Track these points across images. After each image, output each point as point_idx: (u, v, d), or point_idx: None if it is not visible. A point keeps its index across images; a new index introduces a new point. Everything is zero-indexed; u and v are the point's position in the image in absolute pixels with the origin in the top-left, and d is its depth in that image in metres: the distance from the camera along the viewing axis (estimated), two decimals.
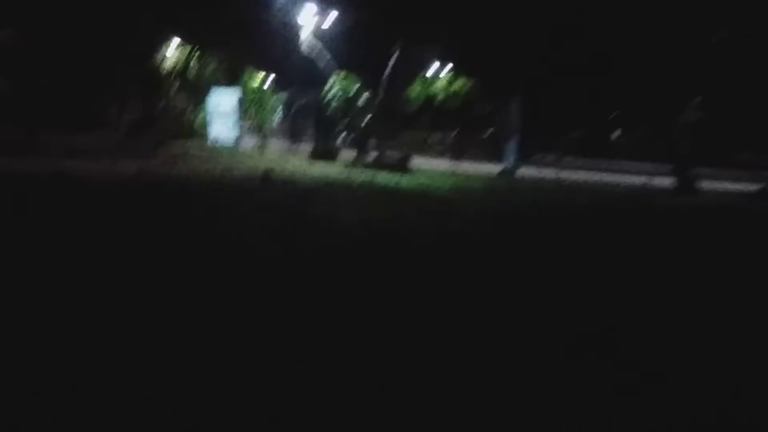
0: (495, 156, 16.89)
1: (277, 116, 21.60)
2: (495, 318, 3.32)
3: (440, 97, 29.15)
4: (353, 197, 8.51)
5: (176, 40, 23.28)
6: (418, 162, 14.77)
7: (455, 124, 21.89)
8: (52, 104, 18.13)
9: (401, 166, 13.28)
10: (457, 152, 15.28)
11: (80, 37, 19.98)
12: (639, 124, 29.83)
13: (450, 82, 29.41)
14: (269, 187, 8.85)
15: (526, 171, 14.90)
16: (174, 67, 22.60)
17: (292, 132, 18.51)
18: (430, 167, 15.17)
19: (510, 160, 14.24)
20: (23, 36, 20.85)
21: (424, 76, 30.80)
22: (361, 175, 11.64)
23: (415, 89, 30.56)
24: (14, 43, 20.92)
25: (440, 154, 18.48)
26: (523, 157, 15.36)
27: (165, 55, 22.67)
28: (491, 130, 24.98)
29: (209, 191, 8.05)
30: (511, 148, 14.27)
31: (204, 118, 20.85)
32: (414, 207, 7.90)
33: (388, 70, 15.27)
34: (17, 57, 20.33)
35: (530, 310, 3.48)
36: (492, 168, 15.31)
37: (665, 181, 13.23)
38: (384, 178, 11.55)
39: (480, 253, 5.18)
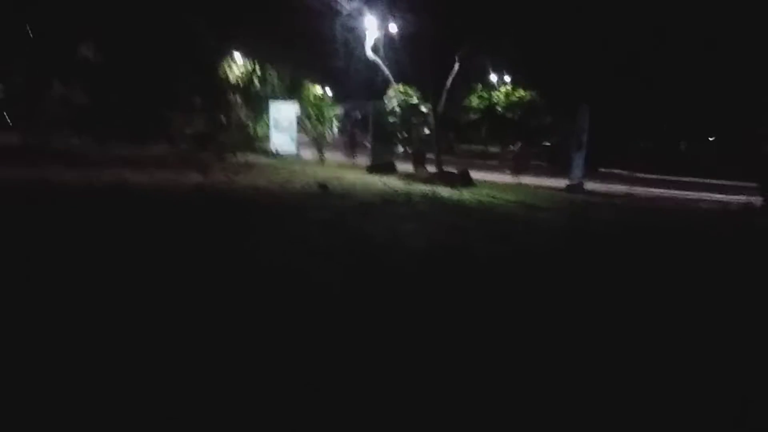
0: (557, 170, 16.07)
1: (335, 128, 21.48)
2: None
3: (499, 108, 28.32)
4: (414, 213, 8.04)
5: (238, 55, 23.67)
6: (477, 175, 14.17)
7: (515, 136, 21.09)
8: (123, 117, 18.64)
9: (462, 180, 12.69)
10: (518, 165, 14.53)
11: (149, 52, 20.57)
12: (708, 135, 27.99)
13: (509, 93, 28.56)
14: (328, 203, 8.51)
15: (592, 185, 14.04)
16: (236, 81, 22.95)
17: (350, 144, 18.25)
18: (491, 181, 14.54)
19: (576, 173, 13.39)
20: (101, 49, 21.67)
21: (483, 86, 30.11)
22: (420, 189, 11.17)
23: (473, 100, 29.90)
24: (93, 56, 21.78)
25: (499, 166, 17.79)
26: (589, 171, 14.47)
27: (228, 70, 23.08)
28: (550, 142, 24.06)
29: (267, 206, 7.77)
30: (578, 161, 13.42)
31: (265, 131, 20.97)
32: (482, 225, 7.35)
33: (449, 81, 14.72)
34: (95, 70, 21.13)
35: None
36: (555, 182, 14.51)
37: (746, 199, 12.09)
38: (445, 192, 11.04)
39: (568, 279, 4.59)
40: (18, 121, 18.96)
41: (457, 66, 14.69)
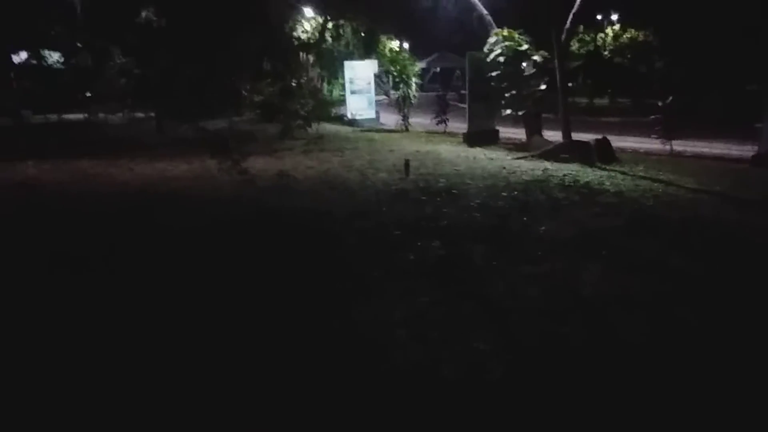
0: (705, 130, 11.74)
1: (418, 88, 17.86)
2: None
3: (606, 52, 23.26)
4: (575, 232, 4.60)
5: (308, 9, 20.35)
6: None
7: (636, 87, 16.54)
8: (185, 88, 16.13)
9: (601, 153, 8.89)
10: (671, 128, 10.40)
11: (212, 13, 17.80)
12: None
13: (618, 34, 23.37)
14: (431, 213, 5.23)
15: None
16: (307, 39, 19.74)
17: (439, 107, 14.64)
18: (630, 148, 10.58)
19: (766, 142, 9.10)
20: (162, 13, 19.26)
21: (584, 28, 24.95)
22: (552, 172, 7.57)
23: (573, 44, 24.84)
24: (155, 21, 19.44)
25: (628, 126, 13.65)
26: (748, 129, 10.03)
27: (297, 27, 19.88)
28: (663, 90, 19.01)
29: (337, 235, 4.59)
30: None
31: (339, 94, 17.81)
32: (716, 266, 3.80)
33: (568, 20, 10.66)
34: (156, 36, 18.81)
35: None
36: (717, 149, 10.39)
37: None
38: (588, 176, 7.38)
39: None
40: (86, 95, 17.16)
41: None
